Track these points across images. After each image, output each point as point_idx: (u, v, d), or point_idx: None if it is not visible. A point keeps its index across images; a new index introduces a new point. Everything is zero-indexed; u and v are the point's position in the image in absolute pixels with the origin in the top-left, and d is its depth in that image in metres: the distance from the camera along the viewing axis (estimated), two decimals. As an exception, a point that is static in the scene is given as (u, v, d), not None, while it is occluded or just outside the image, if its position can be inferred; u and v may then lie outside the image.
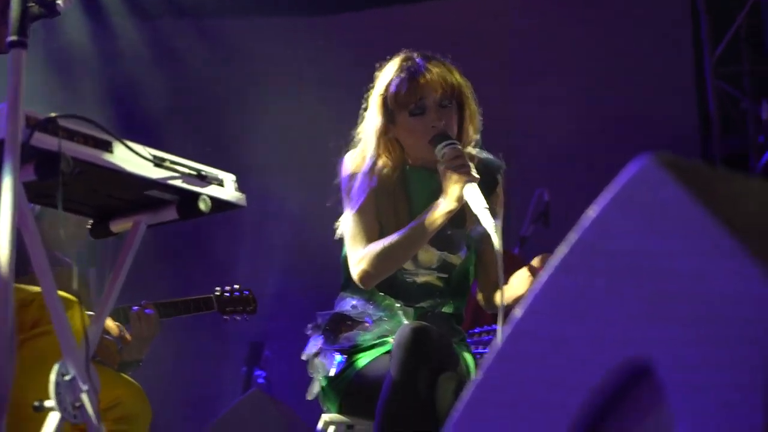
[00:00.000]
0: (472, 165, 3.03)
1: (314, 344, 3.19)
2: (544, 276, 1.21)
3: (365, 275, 3.09)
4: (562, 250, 1.20)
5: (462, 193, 2.97)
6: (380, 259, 3.07)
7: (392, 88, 3.16)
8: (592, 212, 1.19)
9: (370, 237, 3.12)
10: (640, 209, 1.15)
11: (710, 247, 1.09)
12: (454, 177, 2.98)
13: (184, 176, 2.26)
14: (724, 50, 7.23)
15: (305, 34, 7.31)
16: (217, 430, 5.50)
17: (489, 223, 2.89)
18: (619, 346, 1.14)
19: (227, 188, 2.35)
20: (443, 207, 3.01)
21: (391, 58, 3.25)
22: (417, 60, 3.20)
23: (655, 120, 7.12)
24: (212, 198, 2.30)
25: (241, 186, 2.38)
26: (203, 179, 2.29)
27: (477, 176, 3.00)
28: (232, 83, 7.34)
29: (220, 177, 2.34)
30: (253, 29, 7.37)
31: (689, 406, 1.08)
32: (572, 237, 1.20)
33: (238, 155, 6.47)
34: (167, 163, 2.23)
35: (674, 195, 1.13)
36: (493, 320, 4.37)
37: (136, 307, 3.93)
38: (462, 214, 3.16)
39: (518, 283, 3.08)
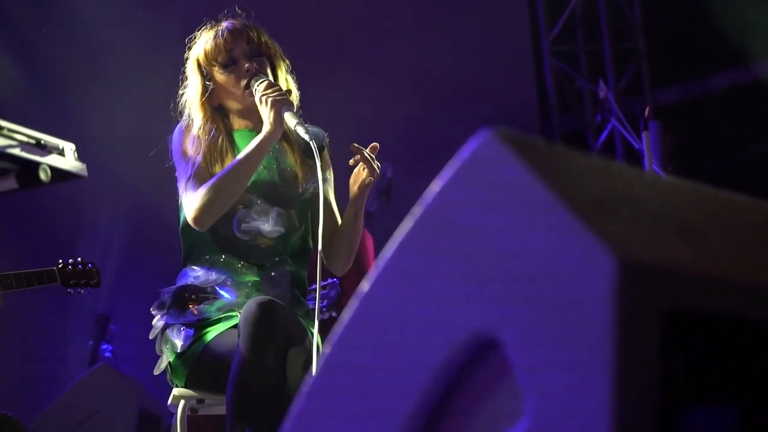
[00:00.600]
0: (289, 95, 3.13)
1: (161, 321, 3.18)
2: (390, 249, 1.21)
3: (199, 212, 3.08)
4: (406, 224, 1.21)
5: (279, 116, 3.05)
6: (212, 193, 3.07)
7: (202, 49, 3.28)
8: (435, 187, 1.19)
9: (201, 182, 3.14)
10: (481, 185, 1.15)
11: (550, 223, 1.10)
12: (270, 104, 3.06)
13: (23, 145, 2.21)
14: (560, 30, 7.40)
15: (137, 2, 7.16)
16: (62, 405, 5.39)
17: (308, 138, 2.98)
18: (463, 324, 1.13)
19: (68, 157, 2.30)
20: (265, 133, 3.07)
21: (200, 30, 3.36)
22: (223, 22, 3.32)
23: (495, 98, 7.23)
24: (52, 167, 2.25)
25: (81, 155, 2.33)
26: (43, 148, 2.24)
27: (293, 102, 3.12)
28: (66, 51, 7.14)
29: (60, 146, 2.29)
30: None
31: (535, 384, 1.08)
32: (415, 212, 1.20)
33: (73, 124, 6.31)
34: (5, 131, 2.18)
35: (514, 170, 1.13)
36: (330, 275, 4.38)
37: None
38: (293, 171, 3.25)
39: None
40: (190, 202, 3.11)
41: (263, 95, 3.09)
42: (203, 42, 3.29)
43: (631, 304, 1.05)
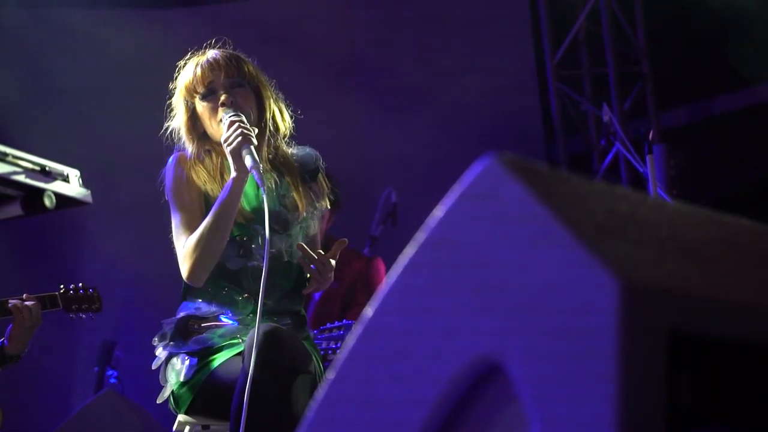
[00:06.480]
0: (250, 129, 3.07)
1: (164, 352, 3.18)
2: (393, 274, 1.21)
3: (191, 272, 3.09)
4: (410, 249, 1.21)
5: (241, 162, 3.01)
6: (198, 250, 3.07)
7: (184, 80, 3.25)
8: (438, 212, 1.20)
9: (190, 232, 3.13)
10: (485, 210, 1.16)
11: (554, 247, 1.10)
12: (231, 146, 3.03)
13: (28, 171, 2.21)
14: (564, 54, 7.41)
15: (156, 26, 7.18)
16: (68, 430, 5.37)
17: (257, 178, 2.96)
18: (469, 341, 1.14)
19: (72, 184, 2.31)
20: (231, 180, 3.05)
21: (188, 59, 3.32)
22: (207, 52, 3.28)
23: (501, 122, 7.24)
24: (57, 194, 2.26)
25: (85, 182, 2.34)
26: (47, 174, 2.25)
27: (253, 138, 3.05)
28: (73, 79, 7.16)
29: (65, 172, 2.30)
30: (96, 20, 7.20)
31: (539, 399, 1.08)
32: (420, 236, 1.20)
33: (82, 150, 6.33)
34: (10, 158, 2.19)
35: (518, 195, 1.14)
36: (344, 316, 4.45)
37: (13, 300, 3.90)
38: (294, 199, 3.24)
39: None
40: (181, 259, 3.13)
41: (224, 140, 3.05)
42: (186, 73, 3.26)
43: (637, 326, 1.05)
